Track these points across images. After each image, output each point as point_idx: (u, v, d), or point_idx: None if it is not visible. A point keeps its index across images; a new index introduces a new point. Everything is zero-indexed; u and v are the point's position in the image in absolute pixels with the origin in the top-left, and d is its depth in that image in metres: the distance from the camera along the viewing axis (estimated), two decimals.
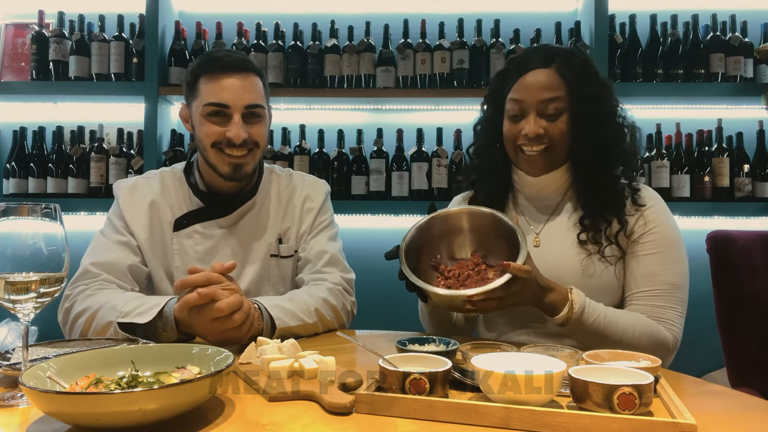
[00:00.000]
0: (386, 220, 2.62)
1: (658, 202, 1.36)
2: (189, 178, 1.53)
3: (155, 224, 1.47)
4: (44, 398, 0.71)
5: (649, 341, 1.23)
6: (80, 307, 1.29)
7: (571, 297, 1.19)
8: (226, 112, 1.39)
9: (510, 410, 0.76)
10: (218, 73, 1.39)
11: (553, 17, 2.67)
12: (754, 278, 1.76)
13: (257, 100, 1.42)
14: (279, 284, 1.52)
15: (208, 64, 1.41)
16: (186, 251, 1.47)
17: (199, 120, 1.42)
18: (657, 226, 1.31)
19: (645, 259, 1.30)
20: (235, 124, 1.39)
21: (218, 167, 1.43)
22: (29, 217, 0.86)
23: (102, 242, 1.45)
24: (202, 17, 2.75)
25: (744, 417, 0.85)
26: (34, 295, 0.86)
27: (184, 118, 1.50)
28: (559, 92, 1.30)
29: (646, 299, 1.29)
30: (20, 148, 2.68)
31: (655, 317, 1.27)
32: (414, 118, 2.76)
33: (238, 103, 1.39)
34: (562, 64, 1.31)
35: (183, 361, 0.89)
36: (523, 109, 1.32)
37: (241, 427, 0.76)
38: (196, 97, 1.42)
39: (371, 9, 2.76)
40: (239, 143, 1.39)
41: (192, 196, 1.50)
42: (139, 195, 1.49)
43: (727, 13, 2.59)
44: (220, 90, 1.38)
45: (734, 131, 2.58)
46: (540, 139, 1.31)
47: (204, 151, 1.43)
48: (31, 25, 2.74)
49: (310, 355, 0.96)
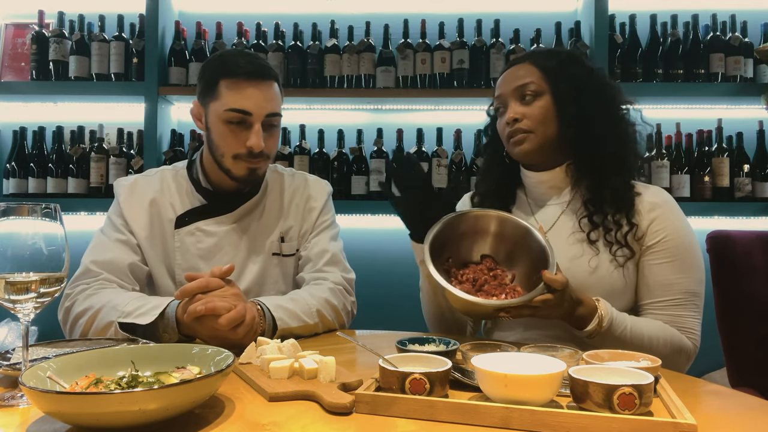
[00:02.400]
0: (386, 220, 2.63)
1: (668, 205, 1.33)
2: (191, 175, 1.52)
3: (155, 222, 1.47)
4: (44, 398, 0.71)
5: (672, 350, 1.23)
6: (81, 307, 1.29)
7: (600, 310, 1.18)
8: (247, 120, 1.38)
9: (510, 410, 0.76)
10: (241, 80, 1.37)
11: (553, 17, 2.67)
12: (754, 278, 1.76)
13: (276, 108, 1.43)
14: (280, 282, 1.52)
15: (231, 68, 1.38)
16: (188, 248, 1.46)
17: (217, 124, 1.40)
18: (670, 233, 1.29)
19: (661, 268, 1.28)
20: (255, 133, 1.38)
21: (233, 172, 1.42)
22: (29, 217, 0.86)
23: (102, 241, 1.44)
24: (202, 17, 2.75)
25: (744, 417, 0.85)
26: (34, 295, 0.86)
27: (196, 116, 1.47)
28: (532, 78, 1.32)
29: (666, 309, 1.27)
30: (20, 148, 2.69)
31: (676, 326, 1.26)
32: (414, 118, 2.76)
33: (260, 112, 1.38)
34: (538, 56, 1.35)
35: (183, 361, 0.89)
36: (502, 101, 1.36)
37: (241, 427, 0.76)
38: (215, 99, 1.40)
39: (371, 9, 2.76)
40: (258, 153, 1.39)
41: (194, 194, 1.49)
42: (139, 193, 1.48)
43: (727, 13, 2.59)
44: (243, 98, 1.37)
45: (734, 131, 2.58)
46: (519, 123, 1.31)
47: (220, 156, 1.42)
48: (31, 25, 2.74)
49: (310, 355, 0.96)
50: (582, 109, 1.30)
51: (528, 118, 1.31)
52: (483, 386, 0.82)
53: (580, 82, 1.32)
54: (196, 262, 1.45)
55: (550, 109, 1.31)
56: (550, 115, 1.31)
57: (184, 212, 1.48)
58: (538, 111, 1.31)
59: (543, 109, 1.31)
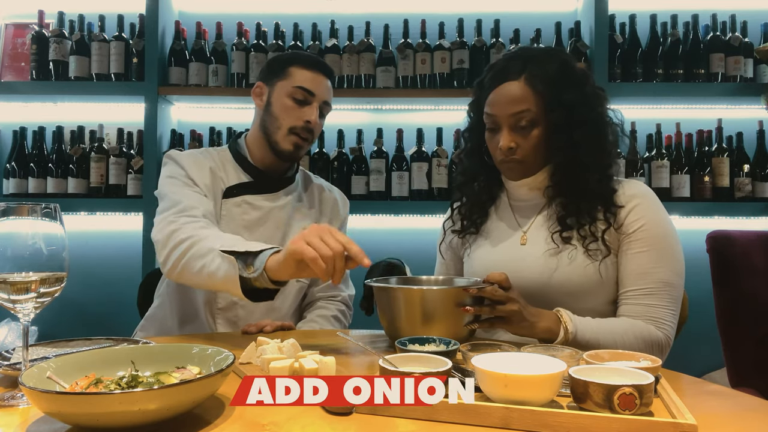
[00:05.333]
0: (386, 220, 2.63)
1: (646, 197, 1.34)
2: (235, 155, 1.63)
3: (214, 188, 1.56)
4: (44, 398, 0.71)
5: (644, 344, 1.24)
6: (185, 234, 1.33)
7: (563, 319, 1.20)
8: (309, 99, 1.56)
9: (510, 410, 0.76)
10: (313, 68, 1.58)
11: (553, 17, 2.68)
12: (754, 278, 1.76)
13: (330, 99, 1.63)
14: None
15: (304, 58, 1.60)
16: (233, 218, 1.56)
17: (282, 98, 1.56)
18: (646, 223, 1.30)
19: (636, 258, 1.30)
20: (314, 109, 1.57)
21: (281, 145, 1.56)
22: (29, 217, 0.86)
23: (184, 192, 1.48)
24: (202, 17, 2.75)
25: (744, 417, 0.85)
26: (34, 295, 0.86)
27: (257, 95, 1.62)
28: (528, 105, 1.30)
29: (638, 298, 1.28)
30: (20, 148, 2.69)
31: (647, 317, 1.27)
32: (414, 118, 2.76)
33: (321, 96, 1.58)
34: (533, 73, 1.31)
35: (183, 361, 0.89)
36: (496, 123, 1.35)
37: (241, 427, 0.76)
38: (284, 78, 1.57)
39: (371, 9, 2.76)
40: (313, 126, 1.56)
41: (241, 171, 1.61)
42: (200, 160, 1.58)
43: (727, 13, 2.59)
44: (312, 80, 1.56)
45: (734, 131, 2.59)
46: (513, 152, 1.33)
47: (276, 128, 1.56)
48: (31, 25, 2.74)
49: (310, 355, 0.96)
50: (571, 137, 1.30)
51: (521, 148, 1.33)
52: (483, 386, 0.81)
53: (573, 107, 1.31)
54: (240, 231, 1.52)
55: (542, 137, 1.32)
56: (541, 143, 1.32)
57: (232, 185, 1.59)
58: (532, 142, 1.32)
59: (536, 139, 1.32)
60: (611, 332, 1.23)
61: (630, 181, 1.38)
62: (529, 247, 1.36)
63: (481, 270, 1.37)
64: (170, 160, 1.58)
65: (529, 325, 1.19)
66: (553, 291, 1.30)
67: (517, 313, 1.17)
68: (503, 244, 1.41)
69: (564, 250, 1.32)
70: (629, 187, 1.35)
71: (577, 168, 1.31)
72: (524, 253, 1.35)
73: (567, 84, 1.32)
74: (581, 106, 1.31)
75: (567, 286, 1.29)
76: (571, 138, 1.30)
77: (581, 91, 1.33)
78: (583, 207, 1.31)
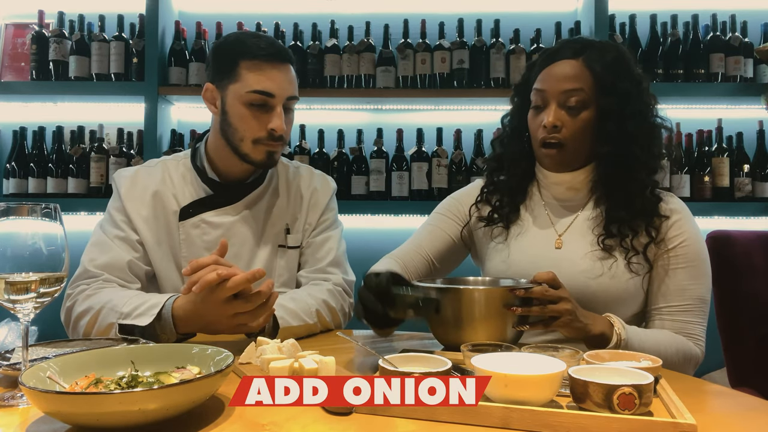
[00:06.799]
0: (386, 220, 2.63)
1: (685, 212, 1.32)
2: (195, 164, 1.48)
3: (159, 215, 1.43)
4: (44, 398, 0.71)
5: (683, 358, 1.23)
6: (82, 308, 1.29)
7: (615, 325, 1.16)
8: (270, 103, 1.37)
9: (510, 410, 0.76)
10: (263, 62, 1.36)
11: (553, 17, 2.68)
12: (754, 278, 1.76)
13: (296, 91, 1.42)
14: (285, 275, 1.50)
15: (252, 50, 1.36)
16: (193, 241, 1.42)
17: (237, 106, 1.37)
18: (687, 239, 1.27)
19: (675, 273, 1.27)
20: (278, 115, 1.37)
21: (252, 156, 1.40)
22: (29, 217, 0.86)
23: (101, 239, 1.42)
24: (202, 17, 2.75)
25: (744, 417, 0.85)
26: (33, 295, 0.86)
27: (209, 100, 1.44)
28: (582, 84, 1.24)
29: (675, 314, 1.26)
30: (20, 148, 2.69)
31: (684, 333, 1.26)
32: (414, 118, 2.76)
33: (282, 94, 1.38)
34: (592, 56, 1.26)
35: (183, 361, 0.89)
36: (544, 99, 1.28)
37: (241, 427, 0.76)
38: (235, 81, 1.37)
39: (371, 9, 2.76)
40: (280, 133, 1.38)
41: (199, 183, 1.46)
42: (140, 185, 1.45)
43: (727, 13, 2.59)
44: (266, 79, 1.36)
45: (734, 131, 2.59)
46: (557, 130, 1.26)
47: (239, 141, 1.39)
48: (31, 25, 2.74)
49: (310, 355, 0.96)
50: (622, 128, 1.25)
51: (566, 128, 1.26)
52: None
53: (628, 98, 1.25)
54: (203, 254, 1.39)
55: (590, 122, 1.26)
56: (588, 128, 1.26)
57: (187, 204, 1.44)
58: (579, 124, 1.26)
59: (584, 122, 1.25)
60: (656, 343, 1.20)
61: (669, 194, 1.35)
62: (566, 252, 1.30)
63: (511, 271, 1.32)
64: (114, 185, 1.47)
65: (582, 327, 1.11)
66: (586, 300, 1.23)
67: (570, 312, 1.09)
68: (536, 245, 1.34)
69: (604, 259, 1.27)
70: (671, 201, 1.32)
71: (627, 163, 1.25)
72: (560, 258, 1.28)
73: (625, 74, 1.27)
74: (637, 99, 1.26)
75: (603, 296, 1.24)
76: (624, 129, 1.24)
77: (638, 86, 1.28)
78: (626, 217, 1.26)
